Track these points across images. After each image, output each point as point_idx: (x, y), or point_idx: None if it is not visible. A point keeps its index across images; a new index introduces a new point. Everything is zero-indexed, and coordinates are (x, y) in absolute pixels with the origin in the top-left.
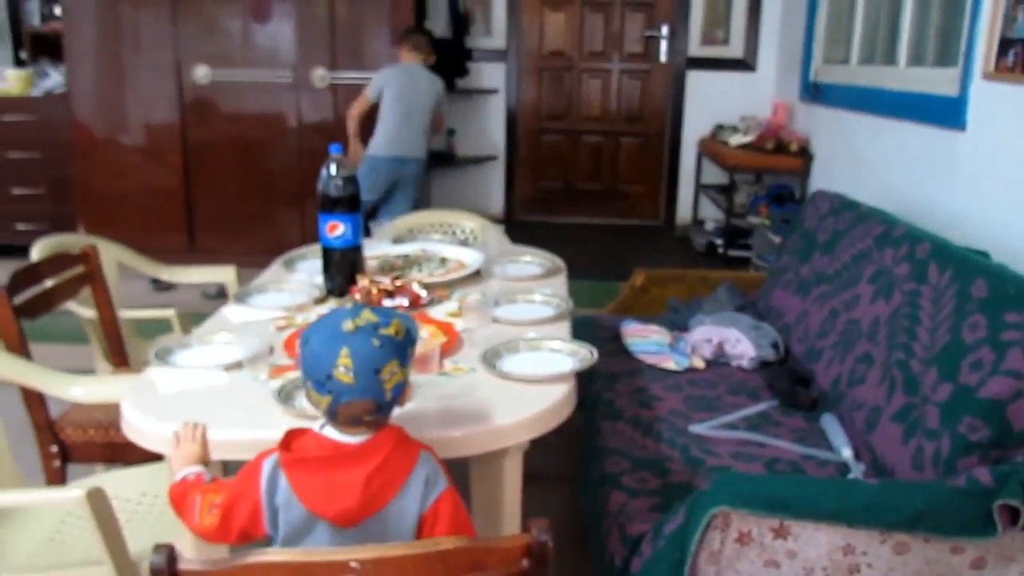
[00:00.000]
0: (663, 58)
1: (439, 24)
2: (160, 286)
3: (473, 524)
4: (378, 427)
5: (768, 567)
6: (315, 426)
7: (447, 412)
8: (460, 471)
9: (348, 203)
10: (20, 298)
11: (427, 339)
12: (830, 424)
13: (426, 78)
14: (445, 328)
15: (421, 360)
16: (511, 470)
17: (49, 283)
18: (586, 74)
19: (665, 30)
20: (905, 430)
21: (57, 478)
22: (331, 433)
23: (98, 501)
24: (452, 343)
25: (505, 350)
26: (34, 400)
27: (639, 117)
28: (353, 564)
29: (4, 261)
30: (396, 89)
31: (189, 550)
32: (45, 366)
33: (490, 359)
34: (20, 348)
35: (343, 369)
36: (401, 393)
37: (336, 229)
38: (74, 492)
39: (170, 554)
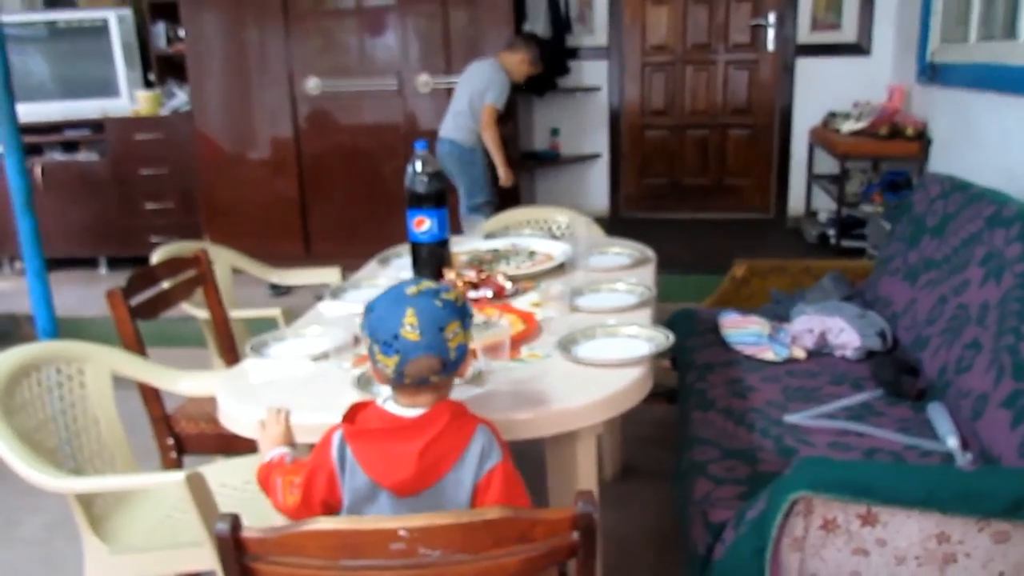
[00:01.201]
0: (771, 47)
1: (539, 24)
2: (278, 291)
3: (529, 496)
4: (438, 396)
5: (857, 555)
6: (378, 400)
7: (520, 395)
8: (536, 456)
9: (434, 199)
10: (136, 300)
11: (504, 327)
12: (936, 413)
13: (480, 66)
14: (525, 317)
15: (492, 348)
16: (584, 454)
17: (164, 286)
18: (691, 67)
19: (772, 18)
20: (1013, 417)
21: (174, 468)
22: (391, 407)
23: (197, 485)
24: (530, 331)
25: (582, 336)
26: (150, 396)
27: (747, 108)
28: (402, 532)
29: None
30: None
31: None
32: (156, 362)
33: (565, 345)
34: (136, 346)
35: (410, 327)
36: (464, 357)
37: (423, 224)
38: (175, 475)
39: (234, 522)
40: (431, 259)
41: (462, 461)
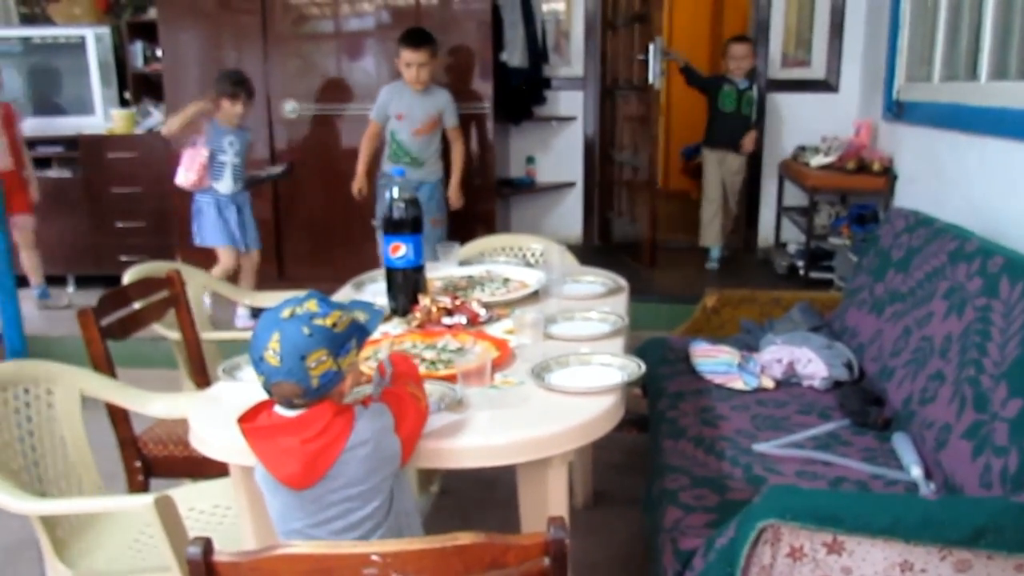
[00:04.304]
0: (651, 80)
1: (516, 54)
2: (255, 313)
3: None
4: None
5: None
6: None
7: (493, 422)
8: (508, 482)
9: (410, 225)
10: (107, 320)
11: (480, 354)
12: (901, 443)
13: None
14: (499, 344)
15: (475, 374)
16: (556, 480)
17: (136, 306)
18: (624, 99)
19: (651, 50)
20: (974, 447)
21: (141, 491)
22: (279, 409)
23: (166, 508)
24: (504, 358)
25: (556, 364)
26: (119, 417)
27: None
28: (374, 557)
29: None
30: None
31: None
32: (127, 384)
33: (539, 372)
34: (106, 367)
35: (272, 352)
36: (333, 382)
37: (399, 250)
38: (143, 498)
39: (206, 546)
40: (406, 285)
41: (353, 441)
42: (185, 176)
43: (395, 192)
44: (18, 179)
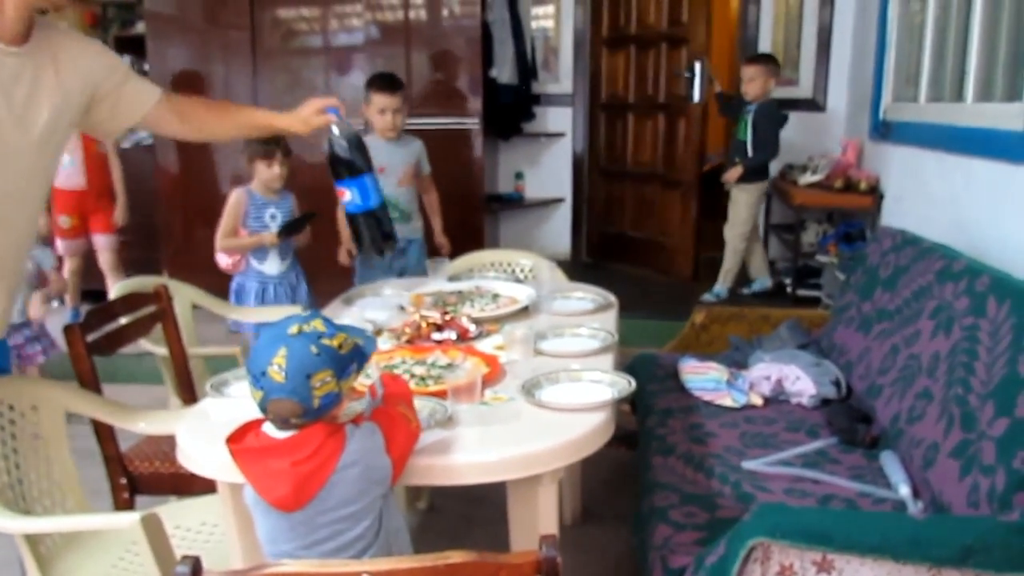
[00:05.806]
0: (696, 98)
1: (505, 70)
2: (237, 327)
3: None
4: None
5: None
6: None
7: (483, 438)
8: (498, 499)
9: (347, 167)
10: (94, 336)
11: (471, 370)
12: (889, 461)
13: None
14: (489, 360)
15: (465, 390)
16: (546, 498)
17: (122, 321)
18: (661, 114)
19: (698, 68)
20: (962, 466)
21: (126, 508)
22: (268, 429)
23: (152, 526)
24: (495, 374)
25: (546, 380)
26: (105, 434)
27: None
28: (364, 574)
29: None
30: None
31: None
32: (114, 400)
33: (529, 389)
34: (92, 383)
35: (276, 368)
36: (333, 404)
37: (344, 196)
38: (130, 516)
39: (195, 565)
40: (368, 230)
41: (343, 462)
42: (223, 259)
43: (335, 129)
44: (94, 198)
